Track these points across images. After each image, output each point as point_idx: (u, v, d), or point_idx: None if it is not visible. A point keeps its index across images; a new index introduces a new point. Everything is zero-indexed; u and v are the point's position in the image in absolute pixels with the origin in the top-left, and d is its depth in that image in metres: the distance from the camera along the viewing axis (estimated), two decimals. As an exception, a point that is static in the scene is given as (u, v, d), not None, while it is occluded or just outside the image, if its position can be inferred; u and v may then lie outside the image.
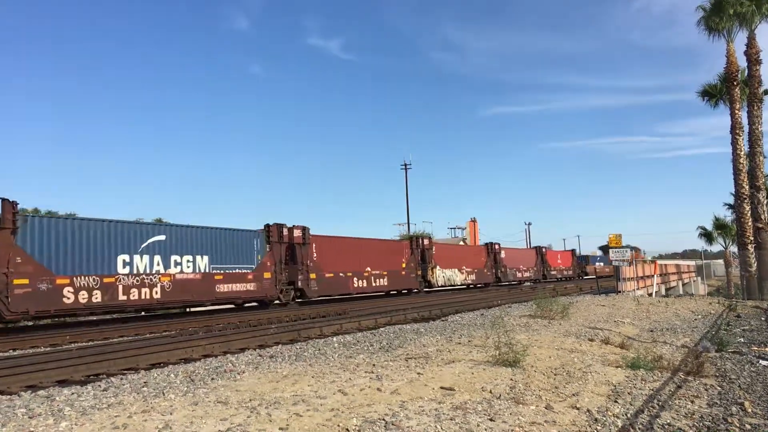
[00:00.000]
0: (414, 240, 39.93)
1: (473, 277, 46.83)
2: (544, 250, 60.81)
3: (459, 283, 44.85)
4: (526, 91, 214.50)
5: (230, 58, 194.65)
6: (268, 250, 27.62)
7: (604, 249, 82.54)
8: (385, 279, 35.62)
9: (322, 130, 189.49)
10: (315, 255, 30.20)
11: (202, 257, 23.88)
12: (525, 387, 8.20)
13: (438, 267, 41.37)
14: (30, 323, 19.44)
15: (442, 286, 42.46)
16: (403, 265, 37.73)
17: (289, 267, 28.70)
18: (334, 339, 13.87)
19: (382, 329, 15.84)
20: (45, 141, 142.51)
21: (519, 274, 53.34)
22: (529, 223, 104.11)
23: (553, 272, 61.71)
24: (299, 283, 28.95)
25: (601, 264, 75.55)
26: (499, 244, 52.25)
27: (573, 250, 71.47)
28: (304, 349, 12.19)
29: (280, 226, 28.40)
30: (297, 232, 29.16)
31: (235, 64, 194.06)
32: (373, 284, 34.56)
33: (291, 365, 10.18)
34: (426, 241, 40.46)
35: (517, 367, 9.44)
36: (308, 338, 14.18)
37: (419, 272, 39.16)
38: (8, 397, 8.07)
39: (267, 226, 28.09)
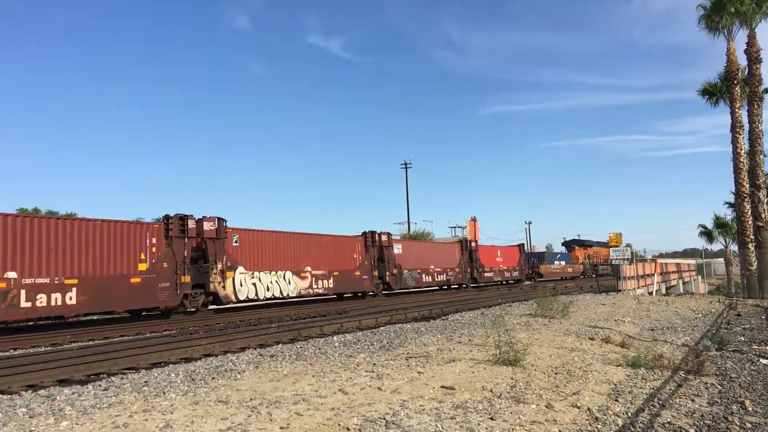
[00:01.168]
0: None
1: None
2: (473, 244, 47.09)
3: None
4: (527, 90, 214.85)
5: (231, 56, 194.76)
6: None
7: (568, 245, 77.51)
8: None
9: (322, 129, 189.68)
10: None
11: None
12: (525, 386, 8.20)
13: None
14: (30, 323, 19.33)
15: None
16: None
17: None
18: (335, 338, 13.87)
19: (382, 328, 15.85)
20: (43, 140, 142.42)
21: (428, 278, 40.33)
22: (529, 222, 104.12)
23: (487, 273, 48.09)
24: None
25: (562, 263, 66.06)
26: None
27: (521, 245, 56.46)
28: (305, 348, 12.20)
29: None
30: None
31: (236, 62, 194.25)
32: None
33: (291, 364, 10.18)
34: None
35: (517, 366, 9.44)
36: (309, 337, 14.18)
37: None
38: (9, 396, 8.08)
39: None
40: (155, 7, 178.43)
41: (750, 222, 30.81)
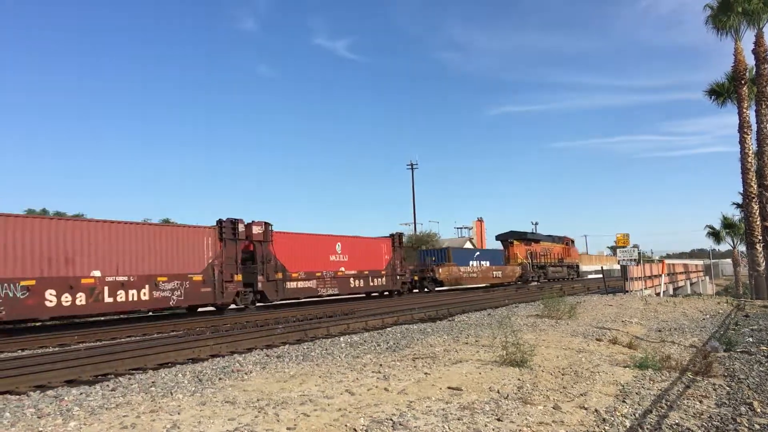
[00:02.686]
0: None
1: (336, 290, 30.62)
2: (268, 229, 27.07)
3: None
4: (533, 91, 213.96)
5: (236, 58, 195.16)
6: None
7: (504, 239, 52.73)
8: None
9: (327, 130, 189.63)
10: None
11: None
12: (533, 387, 8.19)
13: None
14: (38, 323, 19.50)
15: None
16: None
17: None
18: (341, 339, 13.88)
19: (389, 329, 15.84)
20: (49, 140, 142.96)
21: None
22: (536, 223, 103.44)
23: (297, 285, 28.27)
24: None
25: (484, 263, 46.80)
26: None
27: (394, 236, 36.18)
28: (312, 349, 12.21)
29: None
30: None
31: (242, 64, 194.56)
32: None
33: (298, 365, 10.19)
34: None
35: (524, 367, 9.43)
36: (315, 338, 14.19)
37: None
38: (17, 396, 8.12)
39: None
40: (161, 6, 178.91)
41: (758, 222, 30.70)
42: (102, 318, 22.64)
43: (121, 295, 20.04)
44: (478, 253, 49.23)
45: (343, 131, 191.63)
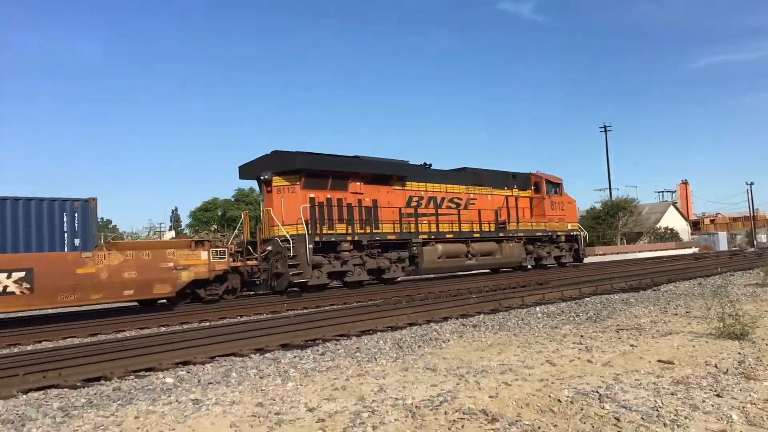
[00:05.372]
0: None
1: None
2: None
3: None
4: (743, 36, 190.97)
5: (419, 28, 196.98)
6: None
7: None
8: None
9: (513, 95, 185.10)
10: None
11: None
12: (756, 361, 7.40)
13: None
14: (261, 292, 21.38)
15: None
16: None
17: None
18: (537, 309, 13.61)
19: (587, 299, 15.24)
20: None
21: None
22: (751, 183, 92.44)
23: None
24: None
25: None
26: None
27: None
28: (507, 319, 12.11)
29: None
30: None
31: (425, 33, 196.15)
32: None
33: (495, 334, 10.16)
34: None
35: (745, 339, 8.56)
36: (510, 308, 14.04)
37: None
38: (240, 358, 8.97)
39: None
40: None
41: None
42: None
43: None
44: None
45: (528, 97, 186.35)
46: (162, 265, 16.56)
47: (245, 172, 22.03)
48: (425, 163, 25.77)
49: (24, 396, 6.94)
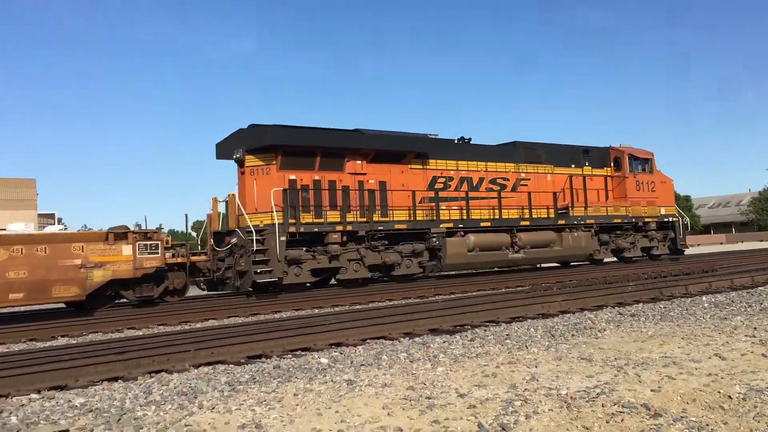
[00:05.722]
0: None
1: None
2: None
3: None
4: None
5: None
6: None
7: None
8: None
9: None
10: None
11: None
12: None
13: None
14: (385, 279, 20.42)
15: None
16: None
17: None
18: (703, 298, 12.63)
19: (760, 288, 13.93)
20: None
21: None
22: None
23: None
24: None
25: None
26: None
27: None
28: (669, 309, 11.34)
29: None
30: None
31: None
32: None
33: (656, 325, 9.55)
34: None
35: None
36: (672, 297, 13.16)
37: None
38: (391, 342, 9.12)
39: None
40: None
41: None
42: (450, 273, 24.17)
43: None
44: None
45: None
46: (65, 262, 13.69)
47: (221, 150, 18.63)
48: (461, 138, 21.60)
49: (195, 370, 7.51)
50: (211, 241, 17.19)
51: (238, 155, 17.63)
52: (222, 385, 6.57)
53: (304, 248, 17.06)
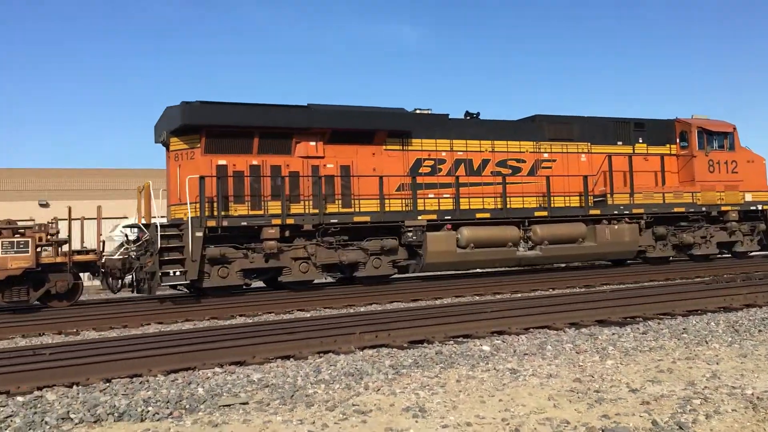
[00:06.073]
0: None
1: None
2: None
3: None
4: None
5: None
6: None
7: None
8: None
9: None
10: None
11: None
12: None
13: None
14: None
15: None
16: None
17: None
18: None
19: None
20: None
21: None
22: None
23: None
24: None
25: None
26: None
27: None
28: None
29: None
30: None
31: None
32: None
33: None
34: None
35: None
36: None
37: None
38: (555, 332, 8.87)
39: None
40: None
41: None
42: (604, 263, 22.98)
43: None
44: None
45: None
46: None
47: (156, 132, 16.17)
48: (467, 113, 18.20)
49: (360, 352, 7.79)
50: (126, 235, 15.29)
51: (162, 138, 15.42)
52: (386, 368, 6.76)
53: (234, 245, 14.60)
